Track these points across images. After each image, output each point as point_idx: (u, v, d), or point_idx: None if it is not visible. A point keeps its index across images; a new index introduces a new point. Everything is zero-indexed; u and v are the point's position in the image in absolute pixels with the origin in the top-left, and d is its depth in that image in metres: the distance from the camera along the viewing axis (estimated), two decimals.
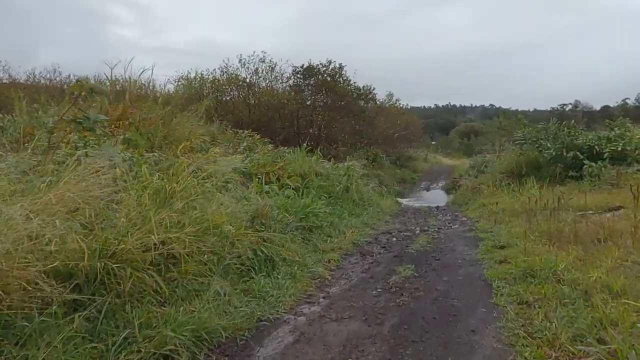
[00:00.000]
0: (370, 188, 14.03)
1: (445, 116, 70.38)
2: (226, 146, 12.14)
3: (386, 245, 7.10)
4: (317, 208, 8.06)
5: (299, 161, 10.32)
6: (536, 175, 12.81)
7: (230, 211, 5.89)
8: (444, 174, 25.53)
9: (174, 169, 5.20)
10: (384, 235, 8.07)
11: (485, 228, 7.99)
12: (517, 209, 8.96)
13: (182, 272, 4.22)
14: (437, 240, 7.27)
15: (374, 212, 10.41)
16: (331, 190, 10.05)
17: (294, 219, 7.26)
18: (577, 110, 55.18)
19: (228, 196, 6.97)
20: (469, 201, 12.69)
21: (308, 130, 18.58)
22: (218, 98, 19.37)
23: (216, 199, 6.18)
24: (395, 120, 24.46)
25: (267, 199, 7.23)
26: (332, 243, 6.97)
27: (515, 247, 5.86)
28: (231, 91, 19.80)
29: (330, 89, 19.69)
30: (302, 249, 6.34)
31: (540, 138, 13.66)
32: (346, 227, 8.07)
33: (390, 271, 5.42)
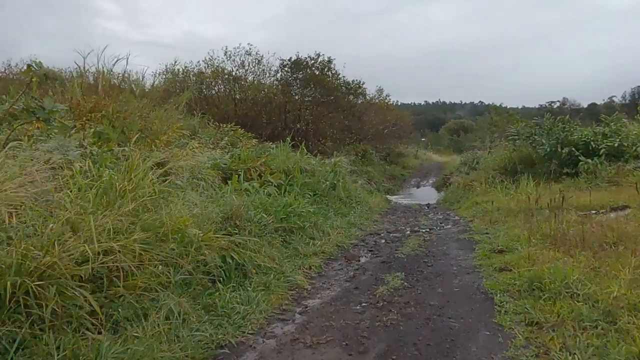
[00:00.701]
0: (358, 185, 13.38)
1: (435, 113, 69.92)
2: (207, 141, 11.43)
3: (374, 248, 6.45)
4: (300, 207, 7.39)
5: (282, 157, 9.63)
6: (530, 172, 12.27)
7: (198, 212, 5.20)
8: (434, 170, 24.97)
9: (127, 164, 4.47)
10: (371, 236, 7.42)
11: (480, 229, 7.38)
12: (513, 208, 8.36)
13: (130, 288, 3.53)
14: (429, 242, 6.63)
15: (362, 211, 9.76)
16: (316, 187, 9.38)
17: (273, 220, 6.59)
18: (565, 107, 55.12)
19: (199, 195, 6.29)
20: (460, 199, 12.09)
21: (295, 125, 17.85)
22: (203, 91, 18.57)
23: (182, 199, 5.50)
24: (385, 115, 23.79)
25: (243, 197, 6.54)
26: (315, 246, 6.30)
27: (516, 252, 5.23)
28: (216, 85, 18.99)
29: (318, 83, 18.98)
30: (280, 254, 5.68)
31: (534, 134, 13.09)
32: (331, 228, 7.40)
33: (378, 280, 4.77)
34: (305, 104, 19.06)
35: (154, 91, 12.13)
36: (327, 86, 18.77)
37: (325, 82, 18.97)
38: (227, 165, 8.88)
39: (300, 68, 19.12)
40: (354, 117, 19.92)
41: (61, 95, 10.26)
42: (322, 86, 19.05)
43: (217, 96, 18.99)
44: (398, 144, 28.28)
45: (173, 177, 6.20)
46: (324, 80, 18.94)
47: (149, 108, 11.80)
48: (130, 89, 12.72)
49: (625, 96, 56.55)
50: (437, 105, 79.54)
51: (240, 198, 6.30)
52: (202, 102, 18.11)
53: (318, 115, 18.84)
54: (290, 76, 19.54)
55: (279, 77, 19.58)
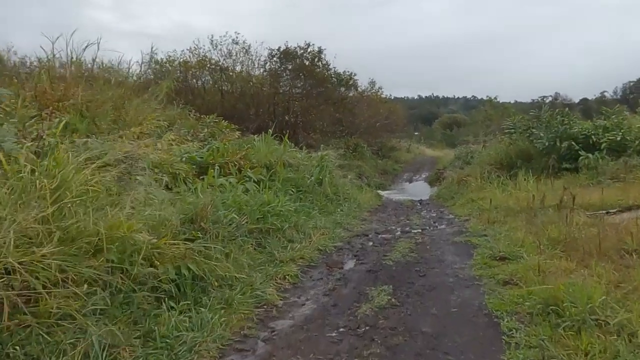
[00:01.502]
0: (347, 180, 12.61)
1: (428, 107, 69.07)
2: (186, 132, 10.59)
3: (359, 253, 5.69)
4: (279, 205, 6.62)
5: (264, 150, 8.82)
6: (527, 167, 11.57)
7: (154, 214, 4.42)
8: (427, 165, 24.26)
9: (52, 158, 3.65)
10: (358, 238, 6.66)
11: (478, 230, 6.64)
12: (512, 207, 7.63)
13: (41, 316, 2.75)
14: (421, 245, 5.88)
15: (350, 209, 8.99)
16: (301, 183, 8.59)
17: (247, 220, 5.81)
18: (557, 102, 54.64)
19: (161, 193, 5.49)
20: (455, 195, 11.36)
21: (284, 117, 17.02)
22: (188, 82, 17.68)
23: (136, 198, 4.71)
24: (377, 108, 22.99)
25: (214, 195, 5.74)
26: (293, 250, 5.53)
27: (522, 260, 4.49)
28: (202, 75, 18.09)
29: (308, 73, 18.13)
30: (252, 261, 4.91)
31: (531, 127, 12.38)
32: (314, 229, 6.63)
33: (361, 295, 4.01)
34: (294, 95, 18.21)
35: (128, 80, 11.23)
36: (317, 77, 17.94)
37: (316, 73, 18.14)
38: (204, 159, 8.07)
39: (290, 58, 18.27)
40: (345, 110, 19.12)
41: (25, 82, 9.40)
42: (312, 77, 18.22)
43: (204, 87, 18.11)
44: (390, 138, 27.52)
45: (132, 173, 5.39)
46: (314, 71, 18.10)
47: (125, 97, 10.96)
48: (105, 77, 11.87)
49: (617, 91, 56.16)
50: (430, 99, 78.73)
51: (209, 196, 5.50)
52: (187, 93, 17.25)
53: (307, 108, 18.01)
54: (279, 67, 18.67)
55: (268, 67, 18.72)
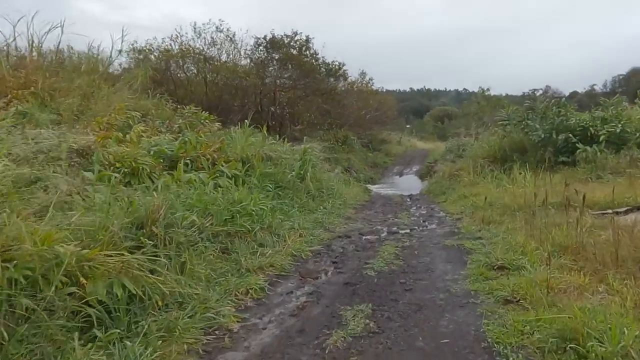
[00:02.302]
0: (334, 174, 11.87)
1: (420, 100, 68.28)
2: (161, 124, 9.79)
3: (339, 259, 4.96)
4: (253, 204, 5.89)
5: (241, 142, 8.05)
6: (522, 160, 10.92)
7: (89, 220, 3.67)
8: (418, 157, 23.56)
9: None
10: (339, 240, 5.93)
11: (471, 231, 5.93)
12: (508, 204, 6.94)
13: None
14: (409, 250, 5.16)
15: (334, 206, 8.26)
16: (280, 178, 7.84)
17: (213, 222, 5.08)
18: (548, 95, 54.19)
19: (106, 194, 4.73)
20: (446, 190, 10.67)
21: (269, 108, 16.20)
22: (171, 71, 16.77)
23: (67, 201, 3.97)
24: (367, 100, 22.21)
25: (170, 193, 4.98)
26: (264, 257, 4.80)
27: (524, 271, 3.78)
28: (185, 64, 17.17)
29: (296, 63, 17.28)
30: (212, 271, 4.17)
31: (526, 118, 11.70)
32: (290, 230, 5.90)
33: (333, 318, 3.28)
34: (280, 86, 17.37)
35: (96, 67, 10.35)
36: (304, 67, 17.10)
37: (303, 63, 17.29)
38: (174, 152, 7.30)
39: (277, 47, 17.40)
40: (333, 101, 18.32)
41: None
42: (300, 67, 17.37)
43: (187, 77, 17.21)
44: (381, 130, 26.79)
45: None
46: (302, 60, 17.26)
47: (95, 86, 10.11)
48: (75, 64, 10.98)
49: (607, 84, 55.90)
50: (422, 92, 77.90)
51: (163, 195, 4.74)
52: (169, 83, 16.36)
53: (294, 99, 17.19)
54: (266, 56, 17.80)
55: (255, 57, 17.82)
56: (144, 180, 6.13)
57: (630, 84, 43.33)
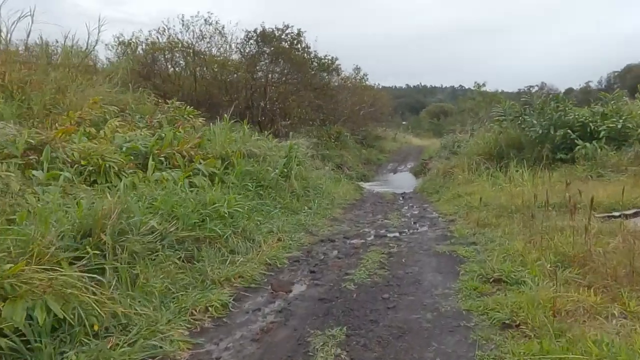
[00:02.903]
0: (324, 172, 11.34)
1: (416, 96, 67.70)
2: (140, 119, 9.24)
3: (317, 268, 4.42)
4: (228, 205, 5.36)
5: (221, 138, 7.49)
6: (519, 157, 10.40)
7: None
8: (413, 154, 23.03)
9: None
10: (321, 245, 5.39)
11: (465, 235, 5.41)
12: (505, 205, 6.41)
13: None
14: (396, 257, 4.63)
15: (320, 206, 7.72)
16: (262, 177, 7.30)
17: (178, 227, 4.55)
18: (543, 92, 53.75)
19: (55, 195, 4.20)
20: (440, 189, 10.15)
21: (259, 103, 15.60)
22: (158, 65, 16.14)
23: None
24: (361, 95, 21.63)
25: (126, 196, 4.42)
26: (234, 265, 4.28)
27: (524, 287, 3.25)
28: (173, 58, 16.55)
29: (287, 57, 16.67)
30: (171, 284, 3.64)
31: (523, 113, 11.18)
32: (268, 234, 5.36)
33: (300, 346, 2.75)
34: (271, 80, 16.77)
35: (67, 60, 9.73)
36: (296, 61, 16.49)
37: (294, 56, 16.69)
38: (148, 149, 6.74)
39: (267, 41, 16.78)
40: (326, 96, 17.72)
41: None
42: (291, 61, 16.77)
43: (175, 71, 16.60)
44: (376, 127, 26.23)
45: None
46: (293, 54, 16.65)
47: (70, 79, 9.52)
48: (48, 55, 10.38)
49: (602, 81, 55.54)
50: (418, 88, 77.26)
51: (122, 197, 4.19)
52: (156, 77, 15.76)
53: (285, 93, 16.60)
54: (257, 50, 17.17)
55: (245, 51, 17.19)
56: (111, 180, 5.60)
57: (625, 81, 42.86)
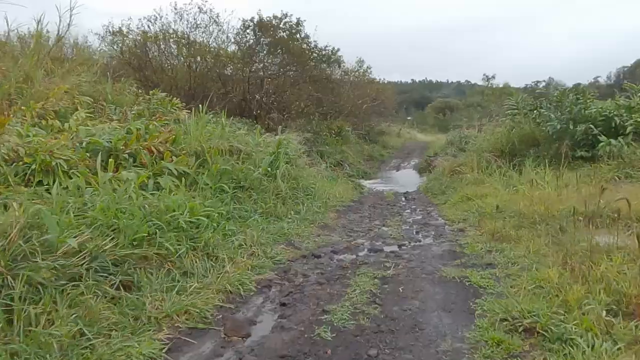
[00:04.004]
0: (320, 169, 10.30)
1: (421, 91, 66.18)
2: (113, 110, 8.25)
3: (290, 298, 3.40)
4: (192, 212, 4.38)
5: (195, 132, 6.47)
6: (533, 154, 9.31)
7: None
8: (418, 150, 21.89)
9: None
10: (303, 262, 4.37)
11: (478, 252, 4.35)
12: (523, 211, 5.34)
13: None
14: (391, 284, 3.59)
15: (310, 210, 6.69)
16: (243, 177, 6.28)
17: (114, 245, 3.57)
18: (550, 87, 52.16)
19: None
20: (446, 189, 9.06)
21: (254, 96, 14.55)
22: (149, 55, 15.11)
23: None
24: (364, 89, 20.49)
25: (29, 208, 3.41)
26: (183, 295, 3.28)
27: (573, 347, 2.21)
28: (167, 49, 15.51)
29: (285, 48, 15.58)
30: (87, 326, 2.65)
31: (539, 106, 10.05)
32: (237, 249, 4.35)
33: None
34: (267, 72, 15.71)
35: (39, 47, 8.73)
36: (294, 51, 15.40)
37: (293, 47, 15.59)
38: (112, 145, 5.74)
39: (265, 30, 15.69)
40: (326, 89, 16.63)
41: None
42: (290, 52, 15.68)
43: (167, 62, 15.58)
44: (380, 122, 25.07)
45: None
46: (292, 44, 15.56)
47: (39, 67, 8.53)
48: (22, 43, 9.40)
49: (611, 77, 53.86)
50: (423, 83, 75.68)
51: (22, 208, 3.19)
52: (147, 68, 14.75)
53: (283, 86, 15.53)
54: (254, 40, 16.09)
55: (242, 41, 16.11)
56: (61, 180, 4.62)
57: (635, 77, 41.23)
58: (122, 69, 13.14)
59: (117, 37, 14.84)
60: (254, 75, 15.70)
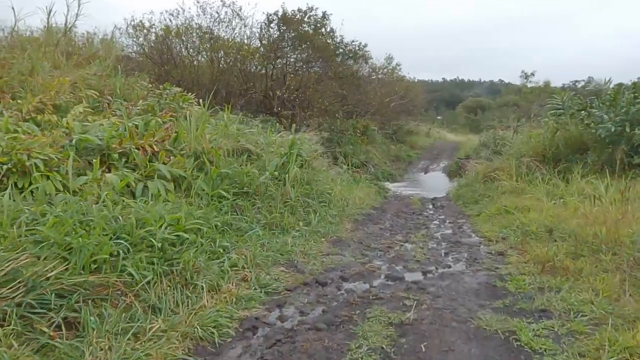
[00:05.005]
0: (340, 172, 9.42)
1: (452, 90, 63.93)
2: (119, 105, 7.64)
3: (276, 349, 2.54)
4: (177, 227, 3.62)
5: (194, 130, 5.70)
6: (582, 160, 8.11)
7: None
8: (448, 151, 20.61)
9: None
10: (303, 293, 3.50)
11: (525, 288, 3.36)
12: (578, 232, 4.29)
13: None
14: (410, 338, 2.67)
15: (323, 219, 5.81)
16: (249, 181, 5.48)
17: (65, 269, 2.85)
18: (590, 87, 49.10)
19: None
20: (479, 198, 7.98)
21: (275, 93, 13.77)
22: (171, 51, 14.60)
23: None
24: (392, 86, 19.38)
25: None
26: (139, 342, 2.48)
27: None
28: (187, 43, 14.96)
29: (310, 43, 14.72)
30: None
31: (589, 106, 8.79)
32: (225, 273, 3.54)
33: None
34: (290, 67, 14.91)
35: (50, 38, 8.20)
36: (318, 46, 14.52)
37: (318, 42, 14.71)
38: (104, 143, 5.08)
39: (289, 25, 14.89)
40: (352, 86, 15.67)
41: None
42: (315, 47, 14.81)
43: (190, 57, 15.02)
44: (408, 121, 23.86)
45: None
46: (317, 39, 14.68)
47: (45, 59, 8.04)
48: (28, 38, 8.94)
49: None
50: (454, 82, 73.15)
51: None
52: (169, 63, 14.23)
53: (306, 82, 14.69)
54: (278, 35, 15.32)
55: (266, 35, 15.36)
56: (38, 182, 3.98)
57: None
58: (136, 62, 12.68)
59: (138, 31, 14.38)
60: (277, 71, 14.96)
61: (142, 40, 14.36)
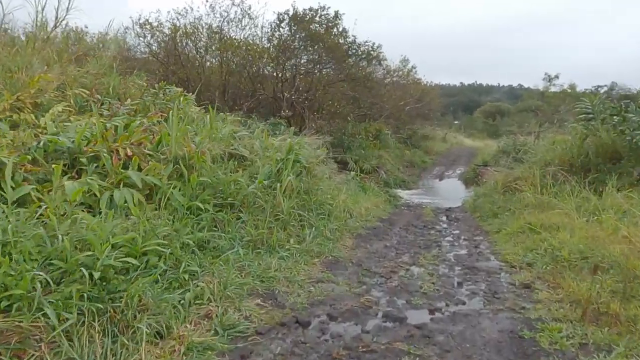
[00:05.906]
0: (347, 179, 8.66)
1: (470, 95, 62.33)
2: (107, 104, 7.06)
3: None
4: (134, 249, 2.94)
5: (175, 131, 5.02)
6: (614, 170, 7.17)
7: None
8: (465, 157, 19.59)
9: None
10: (274, 339, 2.75)
11: (562, 343, 2.55)
12: (622, 262, 3.44)
13: None
14: None
15: (320, 235, 5.06)
16: (236, 191, 4.78)
17: None
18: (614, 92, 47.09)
19: None
20: (499, 211, 7.11)
21: (284, 94, 13.09)
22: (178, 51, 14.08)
23: None
24: (407, 89, 18.51)
25: None
26: None
27: None
28: (196, 43, 14.42)
29: (322, 43, 14.03)
30: None
31: (622, 110, 7.83)
32: (184, 310, 2.83)
33: None
34: (300, 69, 14.22)
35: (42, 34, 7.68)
36: (330, 46, 13.81)
37: (331, 43, 14.00)
38: (75, 145, 4.45)
39: (299, 24, 14.22)
40: (364, 88, 14.89)
41: None
42: (326, 48, 14.11)
43: (198, 57, 14.50)
44: (424, 125, 22.92)
45: None
46: (329, 39, 13.98)
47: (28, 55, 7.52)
48: None
49: None
50: (472, 87, 71.39)
51: None
52: (176, 63, 13.73)
53: (316, 83, 13.99)
54: (289, 34, 14.66)
55: (277, 35, 14.73)
56: None
57: None
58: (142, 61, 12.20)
59: (144, 29, 13.89)
60: (287, 73, 14.31)
61: (149, 39, 13.89)
